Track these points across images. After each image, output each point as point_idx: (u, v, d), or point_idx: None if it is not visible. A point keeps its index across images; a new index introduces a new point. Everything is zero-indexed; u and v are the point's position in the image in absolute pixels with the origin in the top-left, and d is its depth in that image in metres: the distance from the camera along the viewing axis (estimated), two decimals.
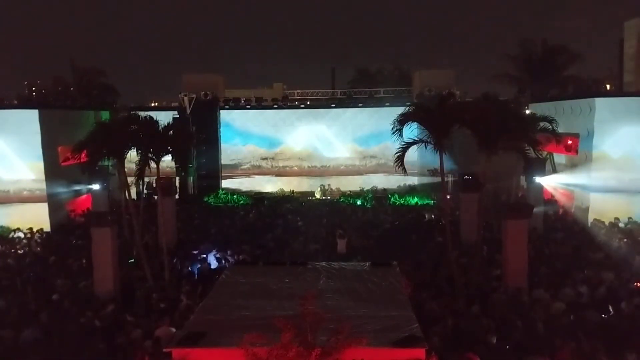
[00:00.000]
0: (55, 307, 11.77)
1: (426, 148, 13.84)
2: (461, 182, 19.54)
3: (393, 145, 14.57)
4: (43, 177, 20.92)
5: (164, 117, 16.32)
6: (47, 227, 20.27)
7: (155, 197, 18.36)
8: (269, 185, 29.78)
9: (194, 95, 28.06)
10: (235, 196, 27.45)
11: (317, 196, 27.20)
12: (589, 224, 19.32)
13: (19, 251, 17.52)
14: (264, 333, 5.90)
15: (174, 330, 9.52)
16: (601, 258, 14.78)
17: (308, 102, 30.86)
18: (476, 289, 12.55)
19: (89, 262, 14.12)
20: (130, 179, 15.69)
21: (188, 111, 27.85)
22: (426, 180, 26.32)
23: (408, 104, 16.51)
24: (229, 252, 16.01)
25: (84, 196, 21.42)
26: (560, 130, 17.97)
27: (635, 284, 12.61)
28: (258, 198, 26.65)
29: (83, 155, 14.69)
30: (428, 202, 25.11)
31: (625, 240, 16.76)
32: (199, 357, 6.81)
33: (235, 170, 30.40)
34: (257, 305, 8.05)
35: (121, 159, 14.75)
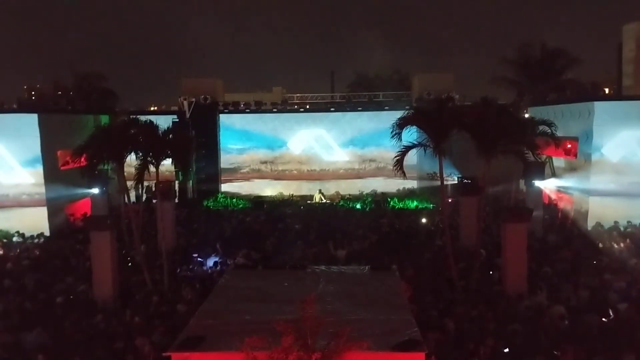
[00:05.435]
0: (55, 311, 11.74)
1: (425, 152, 13.88)
2: (460, 185, 19.54)
3: (392, 149, 14.57)
4: (42, 181, 20.91)
5: (164, 121, 16.31)
6: (46, 232, 20.24)
7: (155, 201, 18.35)
8: (268, 189, 29.79)
9: (194, 99, 28.11)
10: (234, 200, 27.51)
11: (317, 200, 27.21)
12: (588, 228, 19.32)
13: (17, 255, 17.47)
14: (263, 337, 5.89)
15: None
16: (600, 262, 14.77)
17: (307, 106, 30.86)
18: (476, 293, 12.55)
19: (88, 266, 14.09)
20: (129, 183, 15.69)
21: (187, 115, 27.90)
22: (425, 184, 26.32)
23: (407, 107, 16.49)
24: (228, 255, 15.98)
25: (83, 200, 21.38)
26: (559, 133, 18.01)
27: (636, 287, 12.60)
28: (257, 202, 26.68)
29: (82, 159, 14.71)
30: (427, 205, 25.11)
31: (624, 243, 16.74)
32: None
33: (234, 174, 30.39)
34: (257, 309, 8.04)
35: (120, 163, 14.76)
